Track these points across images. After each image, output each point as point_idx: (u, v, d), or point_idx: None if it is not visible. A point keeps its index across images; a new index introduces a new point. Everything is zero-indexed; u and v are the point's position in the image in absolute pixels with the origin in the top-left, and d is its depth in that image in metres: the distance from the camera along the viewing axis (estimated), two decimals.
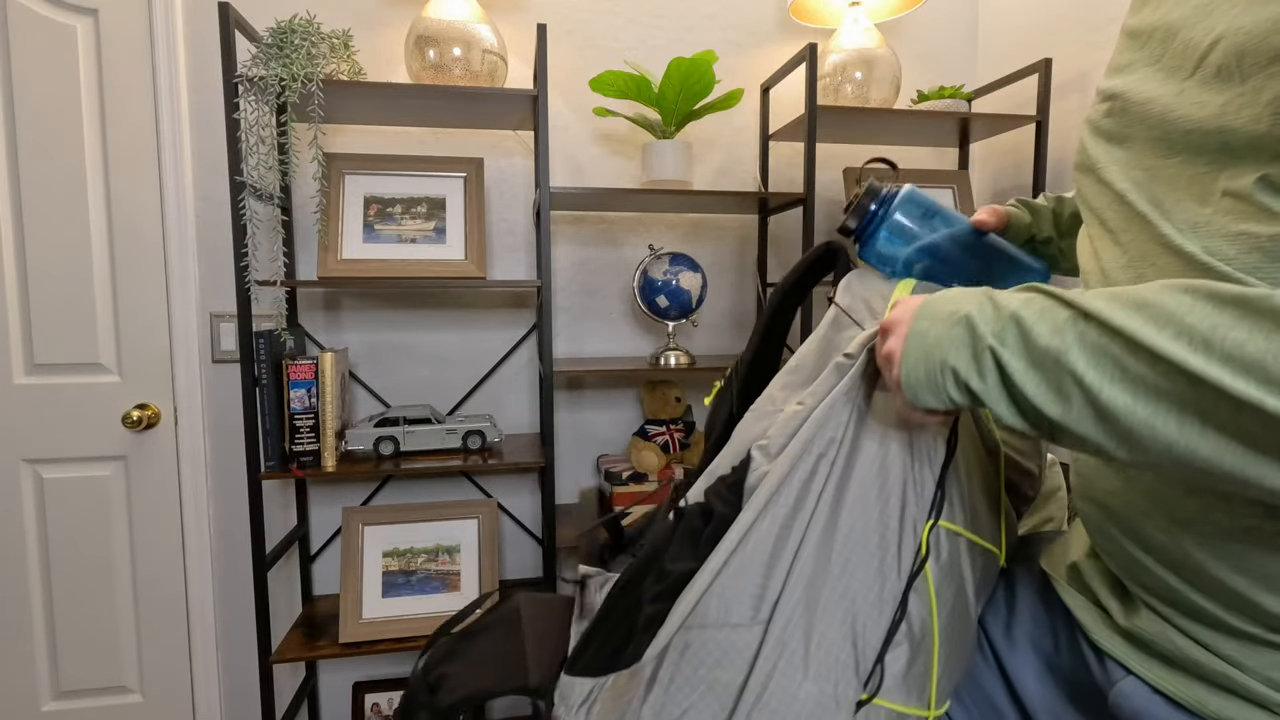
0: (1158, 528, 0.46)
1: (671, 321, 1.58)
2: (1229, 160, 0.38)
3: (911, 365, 0.45)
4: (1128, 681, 0.49)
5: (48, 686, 1.53)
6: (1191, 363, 0.30)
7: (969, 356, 0.41)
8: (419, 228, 1.47)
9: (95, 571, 1.53)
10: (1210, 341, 0.30)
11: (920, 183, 1.66)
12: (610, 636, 0.54)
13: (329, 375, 1.36)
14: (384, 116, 1.49)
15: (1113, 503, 0.50)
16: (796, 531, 0.48)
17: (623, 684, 0.48)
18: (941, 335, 0.43)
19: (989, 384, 0.40)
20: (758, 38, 1.72)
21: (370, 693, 1.59)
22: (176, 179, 1.48)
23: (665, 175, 1.48)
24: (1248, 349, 0.29)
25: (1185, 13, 0.43)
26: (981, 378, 0.41)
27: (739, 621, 0.46)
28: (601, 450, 1.73)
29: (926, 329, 0.44)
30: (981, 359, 0.41)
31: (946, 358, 0.43)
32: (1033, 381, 0.38)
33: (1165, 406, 0.32)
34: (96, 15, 1.43)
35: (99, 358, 1.49)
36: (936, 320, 0.44)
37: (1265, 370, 0.29)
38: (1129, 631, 0.50)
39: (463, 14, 1.39)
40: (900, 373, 0.46)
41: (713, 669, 0.45)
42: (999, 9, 1.75)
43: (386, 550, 1.47)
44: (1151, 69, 0.45)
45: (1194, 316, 0.31)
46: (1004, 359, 0.39)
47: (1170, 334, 0.32)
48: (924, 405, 0.46)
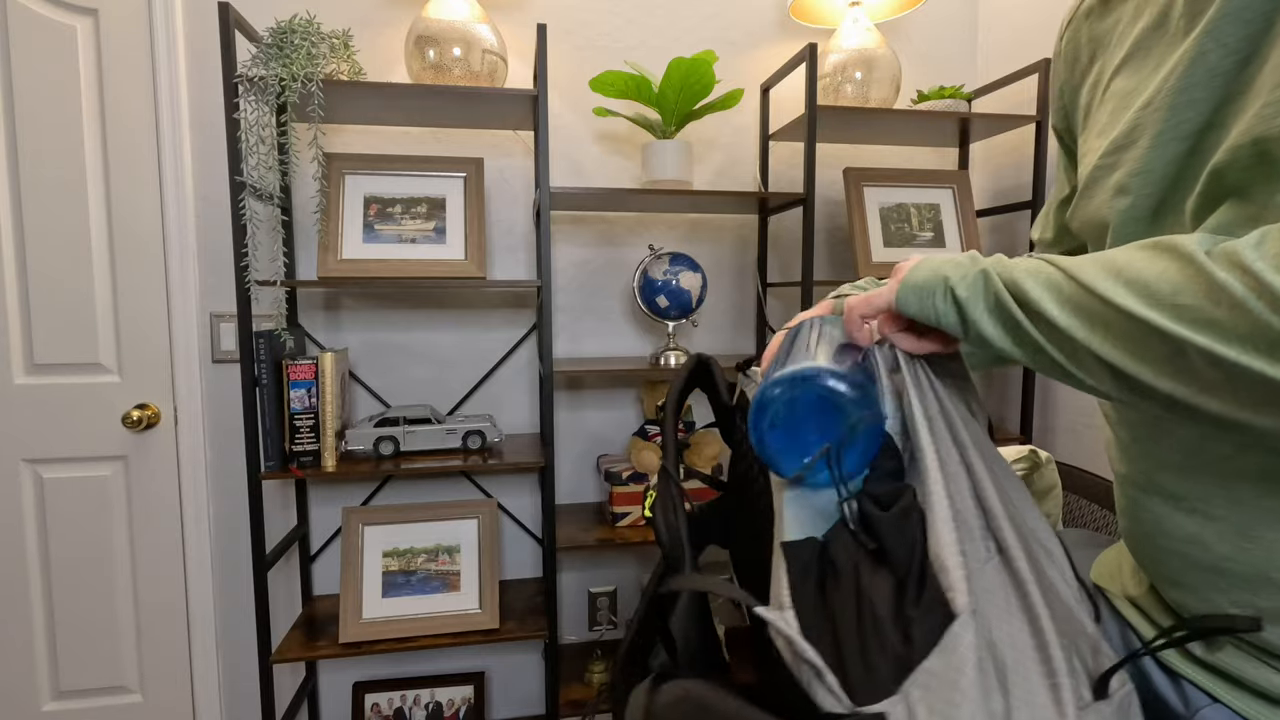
0: (1242, 574, 0.46)
1: (671, 321, 1.58)
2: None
3: (910, 278, 0.49)
4: (1214, 709, 0.49)
5: (48, 686, 1.53)
6: (1100, 285, 0.39)
7: (963, 273, 0.47)
8: (419, 228, 1.47)
9: (95, 571, 1.53)
10: (1120, 270, 0.39)
11: (920, 183, 1.66)
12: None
13: (329, 375, 1.36)
14: (384, 116, 1.49)
15: (1194, 551, 0.49)
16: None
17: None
18: (949, 259, 0.49)
19: (974, 292, 0.46)
20: (758, 38, 1.72)
21: (370, 693, 1.60)
22: (176, 179, 1.48)
23: (665, 175, 1.48)
24: (1142, 273, 0.38)
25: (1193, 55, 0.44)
26: (969, 287, 0.46)
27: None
28: (601, 450, 1.73)
29: (937, 258, 0.50)
30: (972, 275, 0.47)
31: (943, 269, 0.48)
32: (1006, 296, 0.44)
33: (1081, 318, 0.40)
34: (96, 15, 1.43)
35: (99, 358, 1.49)
36: (944, 256, 0.50)
37: (1147, 287, 0.37)
38: (1212, 665, 0.49)
39: (463, 14, 1.39)
40: (903, 275, 0.50)
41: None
42: (999, 9, 1.75)
43: (386, 550, 1.47)
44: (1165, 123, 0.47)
45: (1118, 256, 0.40)
46: (989, 275, 0.46)
47: (1099, 270, 0.40)
48: (903, 308, 0.50)
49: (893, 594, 0.42)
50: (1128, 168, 0.49)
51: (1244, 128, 0.40)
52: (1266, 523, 0.44)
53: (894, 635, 0.40)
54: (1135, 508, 0.55)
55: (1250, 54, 0.41)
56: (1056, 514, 1.06)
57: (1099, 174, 0.52)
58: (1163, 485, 0.51)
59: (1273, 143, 0.38)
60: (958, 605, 0.40)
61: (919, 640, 0.39)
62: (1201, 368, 0.35)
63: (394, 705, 1.60)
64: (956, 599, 0.40)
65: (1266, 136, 0.39)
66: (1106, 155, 0.51)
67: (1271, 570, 0.44)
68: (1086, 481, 1.36)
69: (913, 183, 1.66)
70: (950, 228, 1.65)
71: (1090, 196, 0.53)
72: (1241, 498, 0.45)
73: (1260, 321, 0.32)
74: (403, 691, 1.61)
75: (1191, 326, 0.35)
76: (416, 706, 1.61)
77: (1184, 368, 0.36)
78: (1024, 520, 0.44)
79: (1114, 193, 0.50)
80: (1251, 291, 0.33)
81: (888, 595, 0.42)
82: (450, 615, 1.43)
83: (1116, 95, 0.52)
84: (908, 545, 0.43)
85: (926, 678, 0.38)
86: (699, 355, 0.70)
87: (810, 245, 1.47)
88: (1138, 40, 0.50)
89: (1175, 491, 0.50)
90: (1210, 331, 0.34)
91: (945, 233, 1.65)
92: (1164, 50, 0.48)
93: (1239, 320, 0.33)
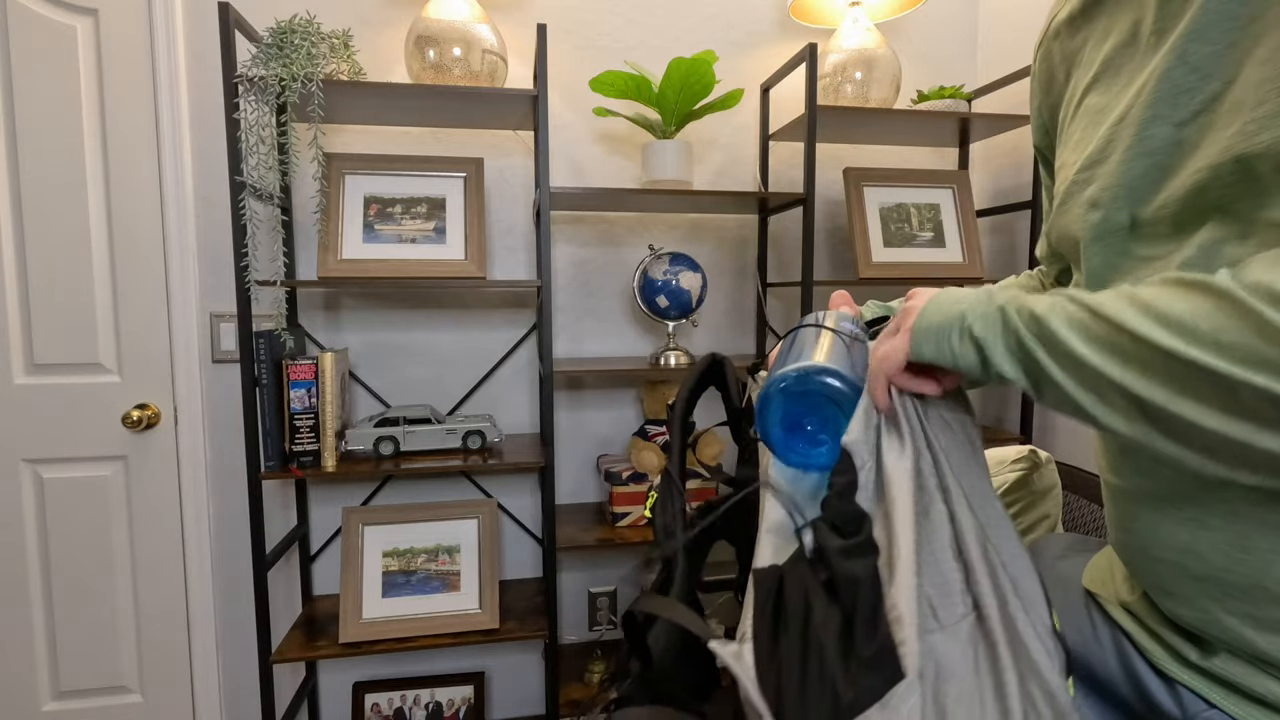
0: (1237, 585, 0.46)
1: (671, 321, 1.58)
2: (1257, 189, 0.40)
3: (922, 323, 0.48)
4: (1211, 715, 0.49)
5: (48, 686, 1.53)
6: (1132, 322, 0.38)
7: (981, 311, 0.46)
8: (419, 228, 1.47)
9: (95, 571, 1.53)
10: (1150, 306, 0.38)
11: (920, 183, 1.66)
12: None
13: (329, 375, 1.36)
14: (384, 116, 1.49)
15: (1188, 561, 0.49)
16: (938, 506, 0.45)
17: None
18: (961, 296, 0.48)
19: (992, 331, 0.45)
20: (758, 38, 1.72)
21: (370, 693, 1.60)
22: (176, 179, 1.48)
23: (665, 175, 1.48)
24: (1174, 310, 0.37)
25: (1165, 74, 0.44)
26: (986, 326, 0.45)
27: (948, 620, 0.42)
28: (601, 450, 1.73)
29: (946, 296, 0.49)
30: (990, 313, 0.46)
31: (957, 307, 0.47)
32: (1027, 335, 0.44)
33: (1115, 357, 0.39)
34: (96, 15, 1.43)
35: (99, 358, 1.49)
36: (954, 293, 0.50)
37: (1183, 325, 0.36)
38: (1208, 670, 0.49)
39: (463, 14, 1.39)
40: (913, 321, 0.49)
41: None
42: (999, 9, 1.75)
43: (386, 550, 1.47)
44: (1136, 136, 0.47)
45: (1144, 293, 0.39)
46: (1008, 313, 0.45)
47: (1127, 306, 0.39)
48: (919, 355, 0.48)
49: (840, 634, 0.41)
50: (1100, 183, 0.49)
51: (1224, 145, 0.41)
52: (1261, 533, 0.44)
53: (838, 681, 0.39)
54: (1127, 518, 0.54)
55: (1215, 72, 0.42)
56: (1056, 514, 1.06)
57: (1073, 189, 0.52)
58: (1156, 496, 0.51)
59: (1256, 159, 0.39)
60: (906, 664, 0.39)
61: (861, 690, 0.38)
62: (1257, 406, 0.34)
63: (394, 705, 1.60)
64: (906, 657, 0.39)
65: (1250, 154, 0.39)
66: (1081, 170, 0.51)
67: (1267, 580, 0.44)
68: (1086, 481, 1.36)
69: (913, 183, 1.66)
70: (950, 228, 1.65)
71: (1065, 211, 0.53)
72: (1237, 510, 0.45)
73: None
74: (403, 691, 1.61)
75: (1244, 365, 0.34)
76: (416, 706, 1.61)
77: (1236, 407, 0.35)
78: (1006, 571, 0.44)
79: (1087, 207, 0.50)
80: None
81: (835, 635, 0.41)
82: (450, 615, 1.43)
83: (1089, 112, 0.53)
84: (857, 583, 0.42)
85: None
86: (713, 354, 0.69)
87: (810, 245, 1.47)
88: (1108, 58, 0.51)
89: (1168, 503, 0.50)
90: (1266, 370, 0.34)
91: (945, 233, 1.65)
92: (1134, 68, 0.49)
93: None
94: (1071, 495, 1.37)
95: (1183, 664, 0.51)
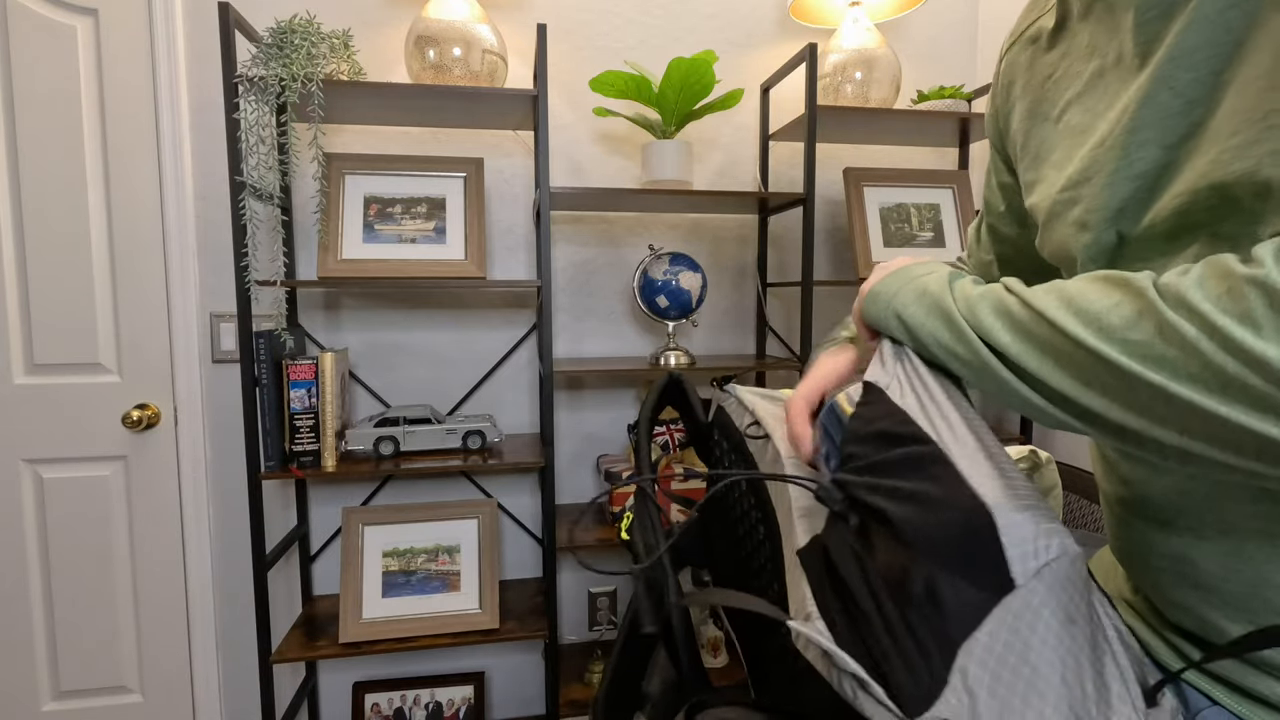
0: (1236, 594, 0.46)
1: (671, 321, 1.58)
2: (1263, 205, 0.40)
3: (885, 282, 0.51)
4: (1214, 711, 0.49)
5: (48, 686, 1.53)
6: (1052, 313, 0.39)
7: (919, 289, 0.48)
8: (419, 228, 1.47)
9: (95, 571, 1.53)
10: (1072, 299, 0.39)
11: (920, 183, 1.66)
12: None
13: (329, 375, 1.36)
14: (384, 116, 1.49)
15: (1185, 570, 0.49)
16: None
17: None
18: (898, 286, 0.50)
19: (924, 313, 0.47)
20: (758, 38, 1.72)
21: (370, 693, 1.60)
22: (176, 179, 1.48)
23: (665, 175, 1.48)
24: (1094, 304, 0.38)
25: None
26: (920, 305, 0.47)
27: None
28: (601, 450, 1.73)
29: (908, 271, 0.51)
30: (925, 297, 0.48)
31: (897, 300, 0.49)
32: (963, 325, 0.45)
33: (1032, 346, 0.40)
34: (96, 15, 1.43)
35: (99, 358, 1.49)
36: (893, 278, 0.52)
37: (1099, 319, 0.37)
38: (1211, 671, 0.49)
39: (463, 14, 1.39)
40: (871, 281, 0.52)
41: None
42: (999, 9, 1.75)
43: (386, 550, 1.47)
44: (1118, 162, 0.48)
45: (1070, 286, 0.40)
46: (954, 287, 0.47)
47: (1050, 297, 0.40)
48: (866, 317, 0.51)
49: (907, 564, 0.36)
50: (1086, 204, 0.50)
51: (1201, 171, 0.41)
52: (1257, 543, 0.44)
53: (927, 610, 0.35)
54: (1123, 526, 0.55)
55: (1199, 98, 0.42)
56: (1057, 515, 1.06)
57: (1059, 208, 0.53)
58: (1150, 504, 0.51)
59: (1231, 187, 0.40)
60: (1015, 570, 0.34)
61: (961, 606, 0.34)
62: (1150, 401, 0.36)
63: (394, 705, 1.60)
64: (1014, 565, 0.34)
65: (1224, 181, 0.40)
66: (1066, 190, 0.52)
67: (1266, 589, 0.44)
68: (1086, 481, 1.36)
69: (913, 183, 1.66)
70: (950, 228, 1.65)
71: (1053, 229, 0.54)
72: (1232, 520, 0.45)
73: (1211, 362, 0.33)
74: (403, 691, 1.61)
75: (1142, 362, 0.36)
76: (416, 706, 1.61)
77: (1134, 401, 0.37)
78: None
79: (1076, 228, 0.51)
80: (1203, 333, 0.34)
81: (901, 568, 0.37)
82: (450, 615, 1.43)
83: (1070, 131, 0.53)
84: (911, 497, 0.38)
85: (982, 651, 0.33)
86: (670, 374, 0.67)
87: (810, 245, 1.47)
88: (1093, 75, 0.51)
89: (1163, 511, 0.50)
90: (1161, 368, 0.35)
91: (945, 233, 1.65)
92: (1117, 87, 0.49)
93: (1189, 359, 0.34)
94: (1071, 495, 1.37)
95: (1185, 661, 0.52)
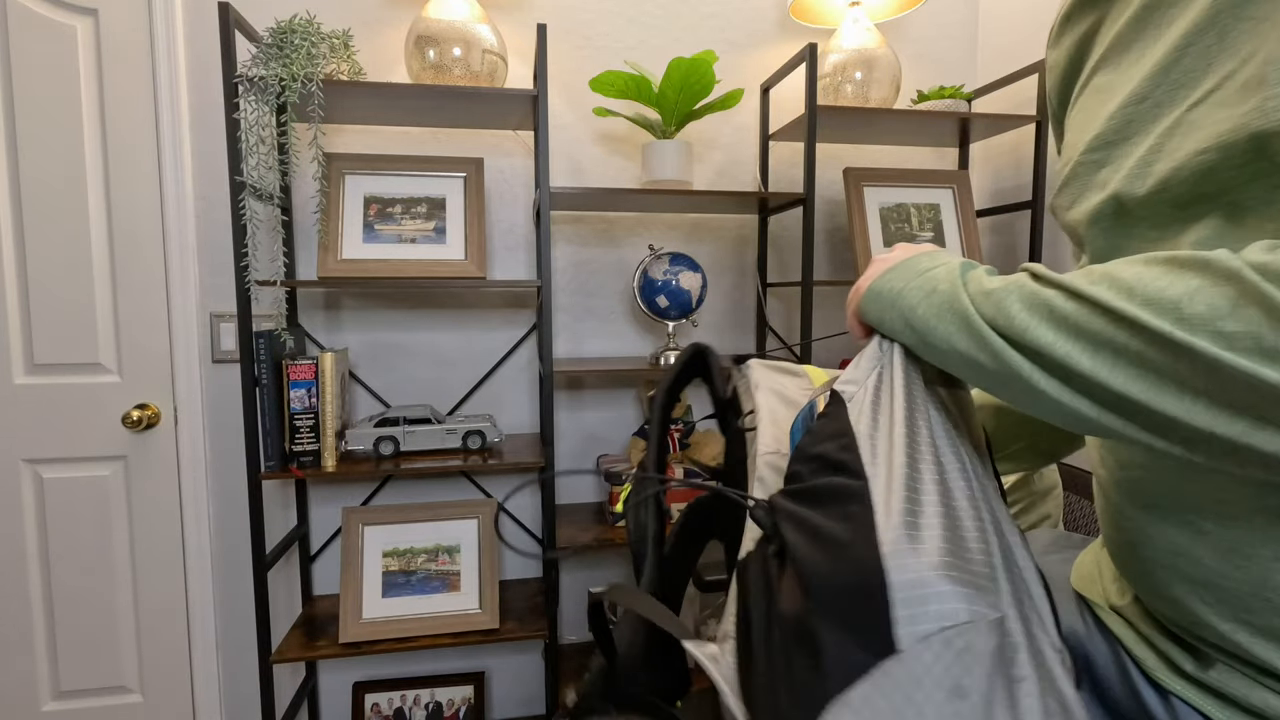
0: (1233, 591, 0.43)
1: (671, 321, 1.58)
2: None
3: (887, 277, 0.48)
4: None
5: (48, 686, 1.53)
6: (1113, 302, 0.34)
7: (929, 289, 0.45)
8: (419, 228, 1.47)
9: (95, 571, 1.53)
10: (1132, 287, 0.34)
11: (920, 183, 1.66)
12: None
13: (329, 375, 1.36)
14: (384, 116, 1.49)
15: (1181, 564, 0.46)
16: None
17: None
18: (924, 268, 0.47)
19: (937, 316, 0.43)
20: (758, 38, 1.72)
21: (370, 693, 1.60)
22: (176, 179, 1.48)
23: (665, 175, 1.48)
24: (1165, 291, 0.33)
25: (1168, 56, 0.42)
26: (930, 306, 0.44)
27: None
28: (601, 450, 1.73)
29: (914, 264, 0.48)
30: (940, 291, 0.44)
31: (906, 295, 0.46)
32: (977, 318, 0.41)
33: (1083, 343, 0.36)
34: (96, 15, 1.43)
35: (99, 358, 1.49)
36: (919, 263, 0.48)
37: (1176, 308, 0.32)
38: (1204, 682, 0.47)
39: (463, 14, 1.39)
40: (874, 275, 0.50)
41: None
42: (999, 9, 1.75)
43: (386, 550, 1.47)
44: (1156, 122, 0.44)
45: (1124, 271, 0.35)
46: (967, 281, 0.43)
47: (1103, 285, 0.36)
48: (865, 315, 0.48)
49: (800, 608, 0.34)
50: (1114, 165, 0.46)
51: (1238, 123, 0.38)
52: (1260, 540, 0.41)
53: (806, 659, 0.33)
54: (1118, 515, 0.51)
55: (1237, 47, 0.39)
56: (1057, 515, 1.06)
57: (1081, 170, 0.49)
58: (1147, 493, 0.48)
59: (1273, 137, 0.36)
60: (899, 634, 0.32)
61: (838, 661, 0.32)
62: (1255, 401, 0.31)
63: (394, 705, 1.60)
64: (900, 625, 0.32)
65: (1267, 130, 0.36)
66: (1090, 151, 0.48)
67: (1266, 590, 0.41)
68: (1086, 481, 1.36)
69: (913, 183, 1.66)
70: (950, 228, 1.65)
71: (1072, 192, 0.50)
72: (1234, 512, 0.42)
73: None
74: (403, 691, 1.61)
75: (1248, 356, 0.30)
76: (416, 706, 1.61)
77: (1231, 402, 0.32)
78: (1015, 560, 0.38)
79: (1096, 189, 0.47)
80: None
81: (795, 610, 0.34)
82: (450, 615, 1.43)
83: (1095, 91, 0.50)
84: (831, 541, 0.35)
85: (851, 715, 0.31)
86: (696, 345, 0.66)
87: (810, 245, 1.47)
88: (1119, 34, 0.48)
89: (1161, 501, 0.47)
90: (1273, 362, 0.30)
91: (945, 233, 1.65)
92: (1144, 44, 0.46)
93: None
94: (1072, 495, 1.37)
95: (1177, 674, 0.49)
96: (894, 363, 0.45)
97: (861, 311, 0.49)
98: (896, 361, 0.46)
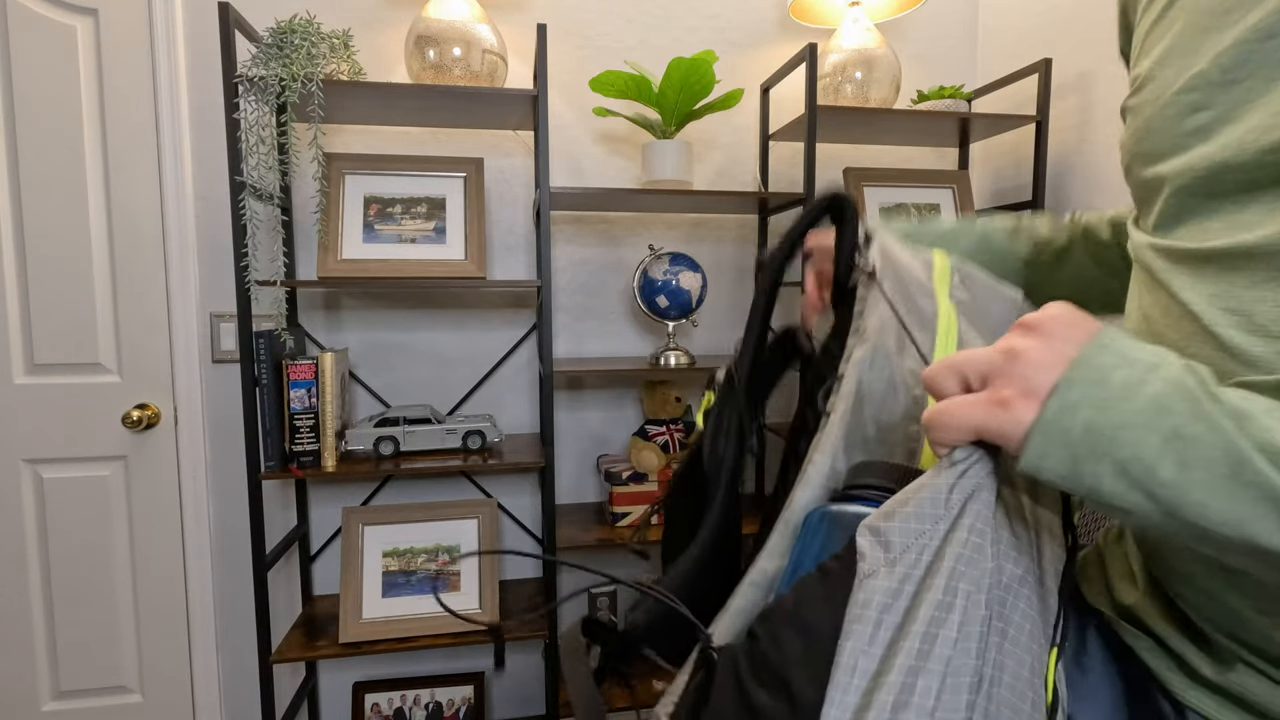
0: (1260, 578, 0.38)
1: (671, 321, 1.58)
2: None
3: (1077, 407, 0.31)
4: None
5: (48, 686, 1.53)
6: None
7: (1191, 433, 0.29)
8: (419, 228, 1.47)
9: (95, 571, 1.53)
10: None
11: (920, 183, 1.66)
12: None
13: (329, 375, 1.36)
14: (384, 116, 1.49)
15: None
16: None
17: None
18: (1140, 383, 0.31)
19: (1212, 472, 0.29)
20: (758, 38, 1.72)
21: (370, 693, 1.59)
22: (176, 179, 1.48)
23: (665, 175, 1.48)
24: None
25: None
26: (1198, 454, 0.29)
27: None
28: (601, 450, 1.73)
29: (1119, 378, 0.31)
30: (1205, 437, 0.29)
31: (1097, 362, 0.31)
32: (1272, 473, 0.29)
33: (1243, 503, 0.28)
34: (96, 15, 1.43)
35: (99, 358, 1.49)
36: (1126, 379, 0.32)
37: None
38: (1222, 687, 0.43)
39: (463, 14, 1.39)
40: (1049, 404, 0.31)
41: None
42: (999, 9, 1.75)
43: (386, 550, 1.47)
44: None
45: None
46: (1235, 416, 0.30)
47: None
48: (1034, 468, 0.31)
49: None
50: (1219, 110, 0.36)
51: None
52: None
53: None
54: None
55: None
56: None
57: (1171, 109, 0.39)
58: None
59: None
60: None
61: None
62: None
63: (394, 705, 1.60)
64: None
65: None
66: (1186, 91, 0.38)
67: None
68: None
69: (913, 183, 1.66)
70: None
71: (1158, 141, 0.40)
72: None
73: None
74: (403, 691, 1.61)
75: None
76: (416, 706, 1.61)
77: None
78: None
79: (1190, 135, 0.38)
80: None
81: None
82: (450, 615, 1.43)
83: (1190, 10, 0.39)
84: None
85: None
86: (836, 192, 0.52)
87: None
88: None
89: None
90: None
91: None
92: None
93: None
94: None
95: (1194, 682, 0.46)
96: (982, 495, 0.30)
97: (1026, 461, 0.31)
98: (979, 505, 0.30)
